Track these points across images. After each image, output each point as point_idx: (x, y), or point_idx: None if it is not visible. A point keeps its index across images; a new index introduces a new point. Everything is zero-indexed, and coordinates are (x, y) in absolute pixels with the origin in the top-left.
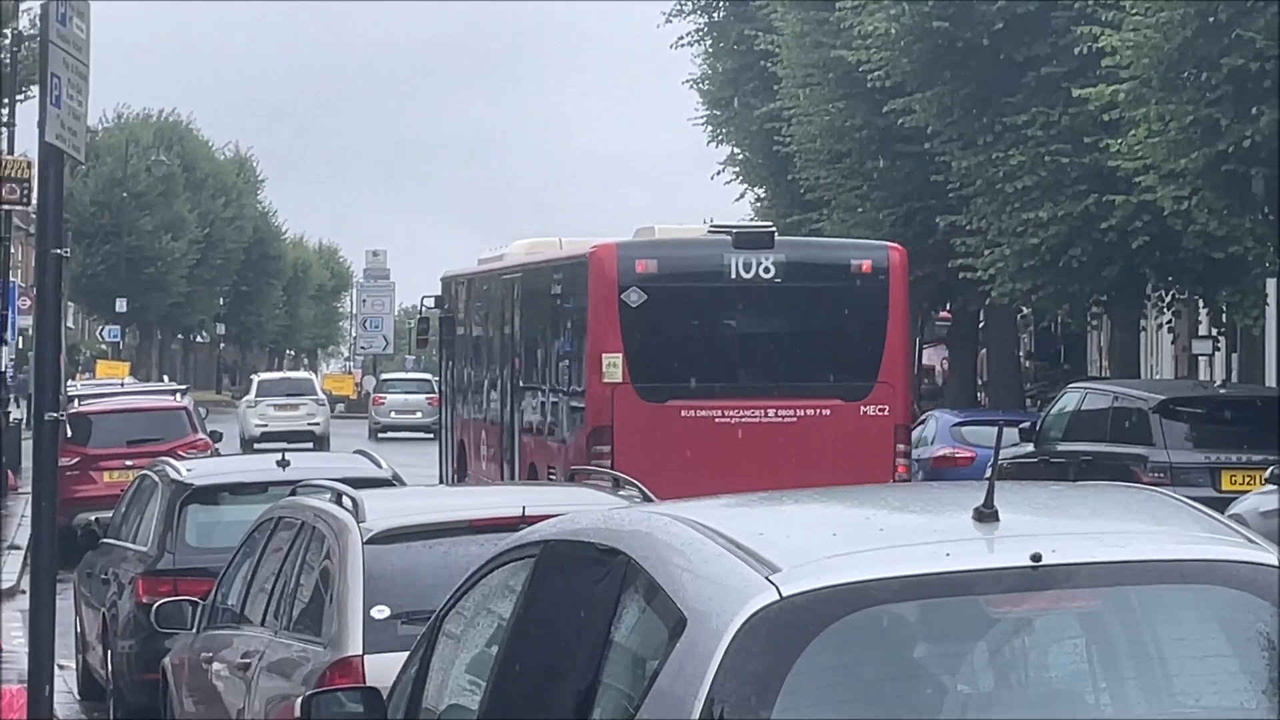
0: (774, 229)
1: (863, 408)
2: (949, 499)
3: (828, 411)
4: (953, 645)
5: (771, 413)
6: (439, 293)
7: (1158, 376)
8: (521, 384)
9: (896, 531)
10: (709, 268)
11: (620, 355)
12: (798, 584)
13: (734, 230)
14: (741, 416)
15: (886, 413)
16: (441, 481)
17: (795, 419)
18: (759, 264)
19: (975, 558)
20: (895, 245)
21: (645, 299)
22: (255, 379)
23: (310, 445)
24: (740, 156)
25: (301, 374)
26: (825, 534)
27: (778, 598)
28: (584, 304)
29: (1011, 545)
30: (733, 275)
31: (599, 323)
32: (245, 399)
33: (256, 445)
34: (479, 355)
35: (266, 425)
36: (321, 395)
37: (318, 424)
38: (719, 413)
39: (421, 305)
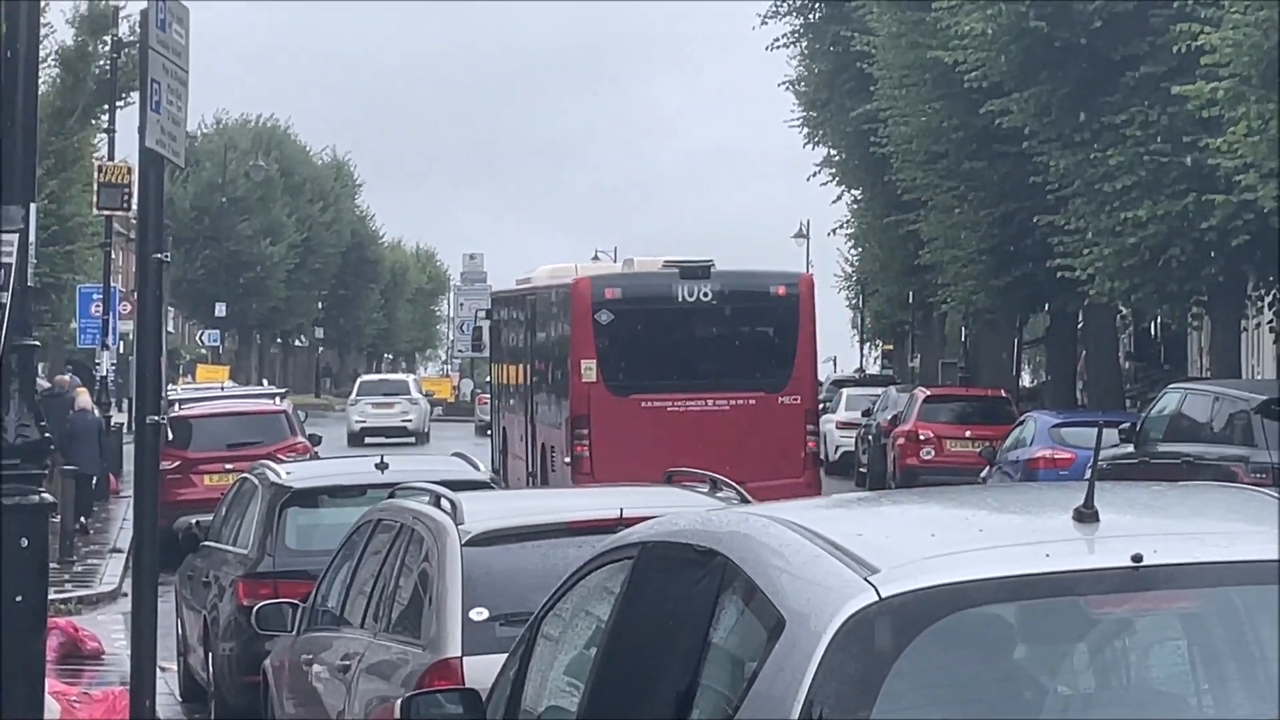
0: (712, 263)
1: (780, 398)
2: (1048, 499)
3: (753, 401)
4: (1053, 646)
5: (710, 403)
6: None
7: (1259, 376)
8: (534, 383)
9: (996, 532)
10: (661, 293)
11: (594, 361)
12: (897, 585)
13: (681, 264)
14: (687, 406)
15: (799, 401)
16: (491, 464)
17: (729, 407)
18: (699, 290)
19: (1075, 558)
20: (806, 274)
21: (613, 318)
22: (358, 380)
23: (411, 440)
24: (836, 158)
25: (399, 376)
26: (924, 535)
27: (877, 599)
28: (569, 321)
29: (1112, 545)
30: (679, 299)
31: (578, 335)
32: (350, 398)
33: (361, 440)
34: (512, 359)
35: (365, 421)
36: (417, 395)
37: (410, 420)
38: (670, 403)
39: (476, 316)
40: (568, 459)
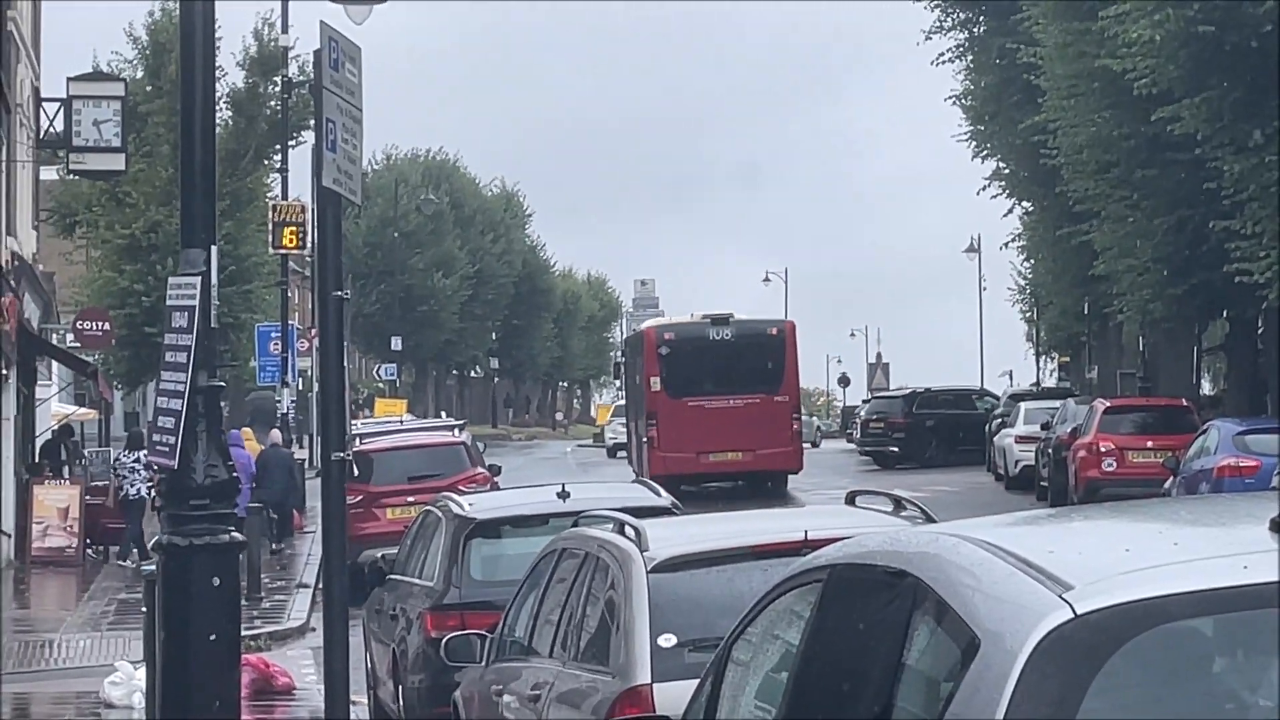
0: (731, 314)
1: (775, 398)
2: (1242, 510)
3: (758, 400)
4: (1253, 660)
5: (731, 401)
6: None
7: None
8: (633, 397)
9: (1190, 545)
10: (698, 335)
11: (659, 377)
12: (1092, 601)
13: (711, 316)
14: (716, 404)
15: (787, 400)
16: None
17: (743, 404)
18: (723, 333)
19: (1273, 569)
20: (789, 321)
21: (669, 351)
22: (614, 405)
23: None
24: (1006, 170)
25: None
26: (1117, 550)
27: (1072, 616)
28: (643, 354)
29: None
30: (709, 338)
31: (648, 362)
32: (607, 419)
33: (614, 453)
34: (627, 384)
35: (617, 438)
36: None
37: None
38: (706, 402)
39: (613, 355)
40: (645, 439)
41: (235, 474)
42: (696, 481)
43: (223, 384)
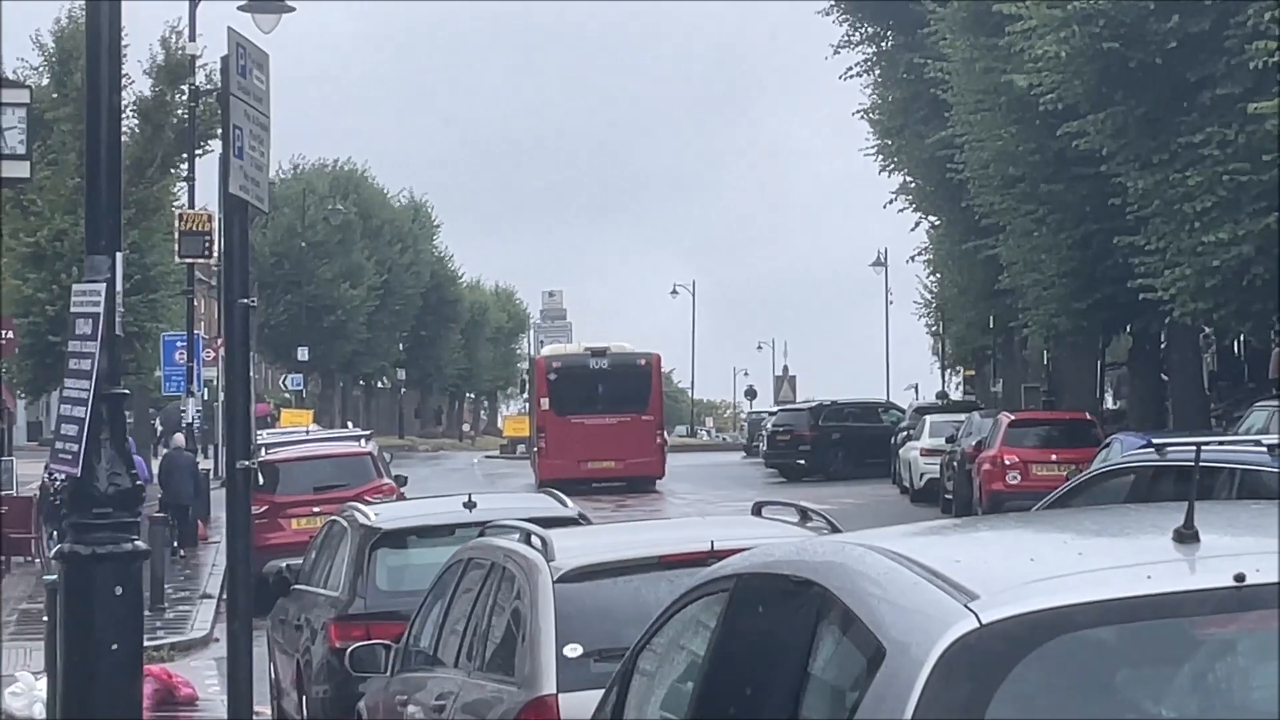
0: (608, 348)
1: (643, 417)
2: (1147, 520)
3: (629, 419)
4: (1156, 669)
5: (607, 419)
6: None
7: None
8: (532, 415)
9: (1095, 555)
10: (581, 364)
11: (548, 398)
12: (997, 611)
13: (591, 349)
14: (595, 422)
15: (652, 419)
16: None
17: (616, 422)
18: (601, 363)
19: (1177, 579)
20: (656, 354)
21: (557, 376)
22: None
23: None
24: (913, 184)
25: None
26: (1023, 559)
27: (977, 625)
28: (536, 378)
29: (1214, 565)
30: (590, 367)
31: (540, 385)
32: None
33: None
34: (530, 403)
35: None
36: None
37: None
38: (587, 420)
39: (520, 367)
40: (537, 448)
41: (139, 482)
42: (578, 485)
43: (127, 392)
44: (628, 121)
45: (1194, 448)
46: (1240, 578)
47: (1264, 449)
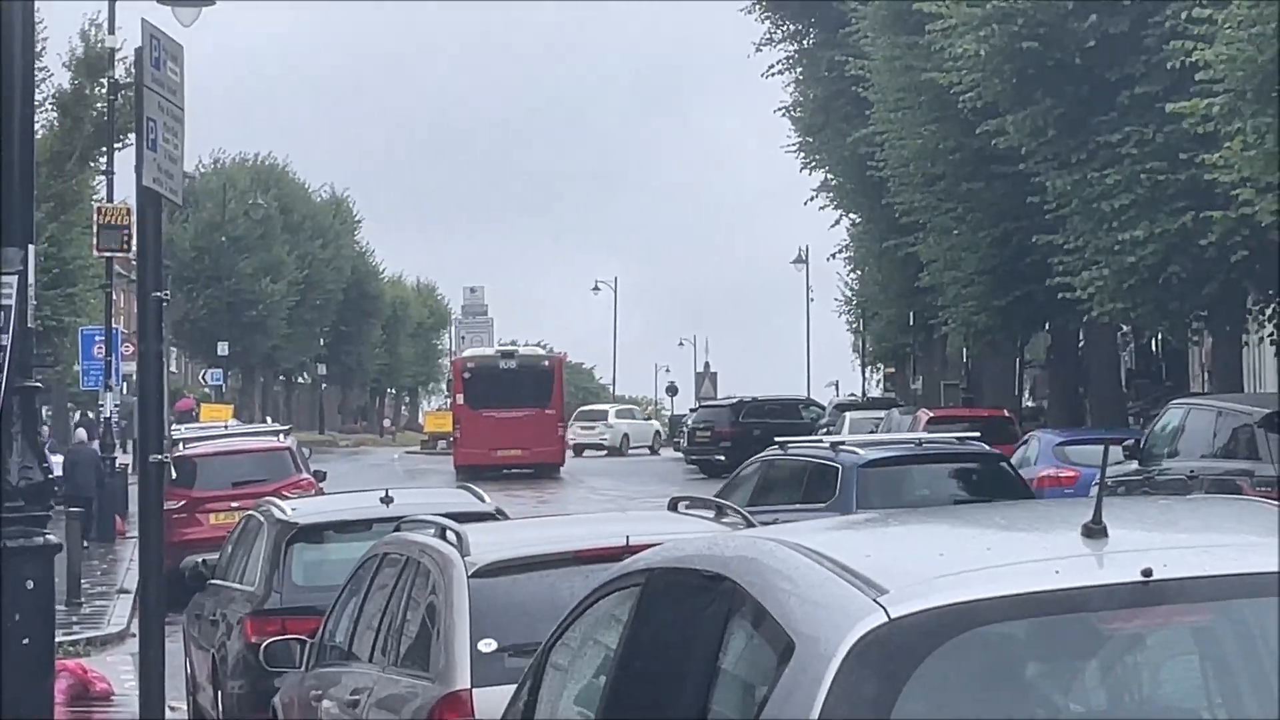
0: (517, 349)
1: (546, 411)
2: (1056, 516)
3: (534, 413)
4: (1064, 663)
5: (514, 413)
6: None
7: (1261, 390)
8: (451, 409)
9: (1004, 550)
10: (492, 364)
11: (462, 393)
12: (906, 605)
13: (501, 350)
14: (504, 414)
15: (554, 413)
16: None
17: (522, 415)
18: (509, 363)
19: (1085, 574)
20: (560, 354)
21: (470, 375)
22: (576, 410)
23: (605, 453)
24: (834, 182)
25: (602, 406)
26: (932, 554)
27: (886, 620)
28: (454, 375)
29: (1121, 560)
30: (500, 367)
31: (456, 381)
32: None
33: (580, 452)
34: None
35: (576, 439)
36: (613, 420)
37: (606, 439)
38: (497, 413)
39: (441, 363)
40: (454, 437)
41: (50, 476)
42: (489, 470)
43: (39, 384)
44: (551, 117)
45: (1101, 444)
46: (1148, 573)
47: (828, 445)
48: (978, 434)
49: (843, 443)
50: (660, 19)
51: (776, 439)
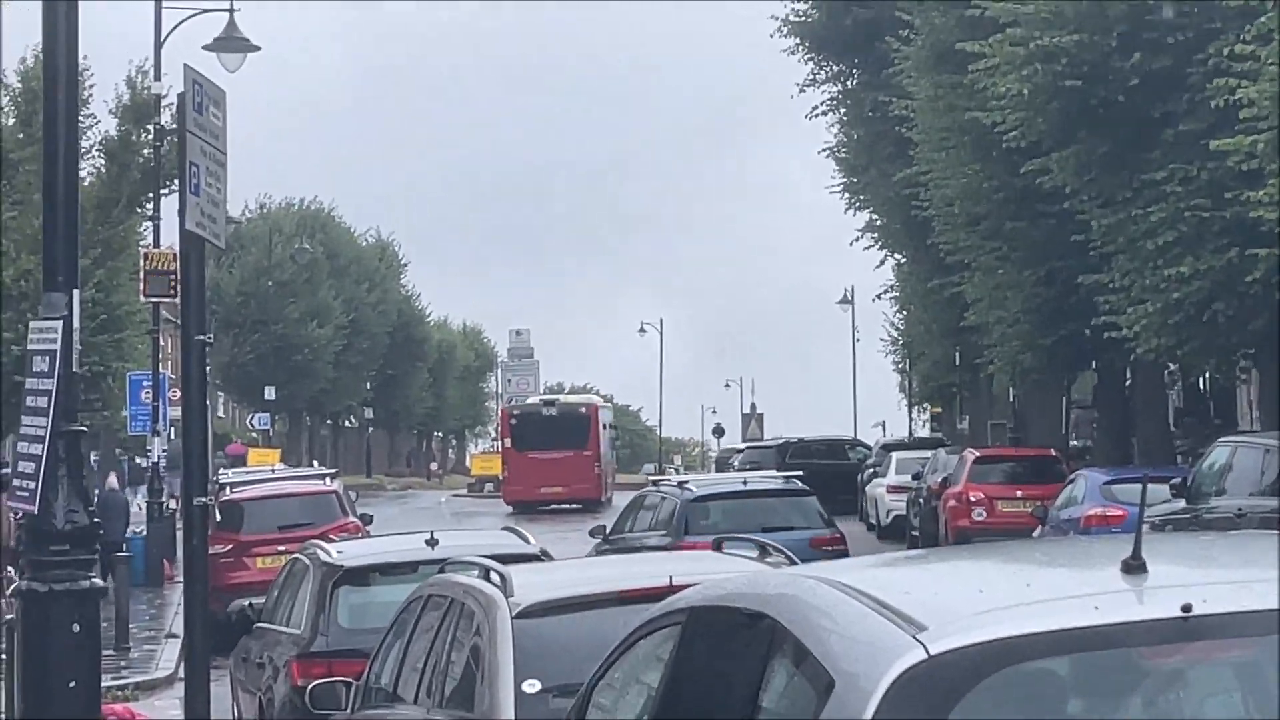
0: (558, 399)
1: (584, 453)
2: (1096, 552)
3: (572, 454)
4: (1104, 700)
5: (556, 454)
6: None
7: None
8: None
9: (1044, 586)
10: (536, 412)
11: (510, 439)
12: (946, 642)
13: (544, 400)
14: (547, 456)
15: (591, 454)
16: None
17: (563, 457)
18: (551, 410)
19: (1124, 610)
20: (596, 402)
21: (517, 421)
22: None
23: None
24: (879, 223)
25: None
26: (972, 591)
27: (926, 656)
28: (501, 424)
29: (1161, 596)
30: (543, 414)
31: (504, 427)
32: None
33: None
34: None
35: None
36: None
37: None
38: (540, 455)
39: (488, 406)
40: (503, 477)
41: (96, 519)
42: (535, 505)
43: (85, 428)
44: (598, 160)
45: (1135, 481)
46: (1187, 608)
47: (675, 484)
48: (800, 473)
49: (686, 482)
50: (704, 60)
51: (649, 477)
